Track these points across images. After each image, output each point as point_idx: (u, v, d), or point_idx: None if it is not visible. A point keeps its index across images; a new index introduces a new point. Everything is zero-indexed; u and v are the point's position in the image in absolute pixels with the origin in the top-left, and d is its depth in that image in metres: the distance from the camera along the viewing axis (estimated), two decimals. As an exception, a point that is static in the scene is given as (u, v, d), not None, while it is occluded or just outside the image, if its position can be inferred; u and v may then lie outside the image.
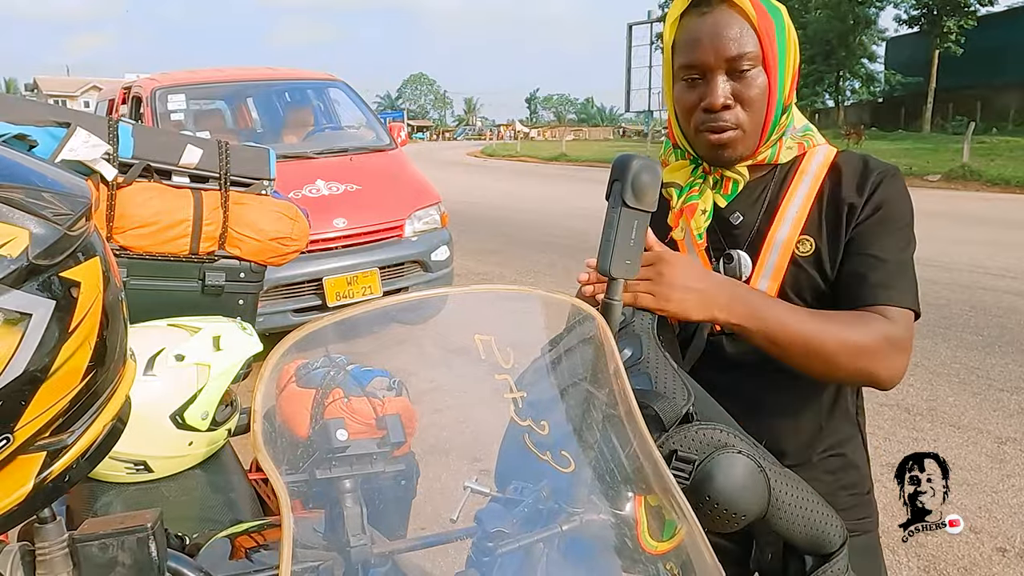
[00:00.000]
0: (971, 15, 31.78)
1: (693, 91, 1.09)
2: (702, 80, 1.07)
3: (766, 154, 1.13)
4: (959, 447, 3.65)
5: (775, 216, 1.14)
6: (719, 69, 1.06)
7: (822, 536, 0.93)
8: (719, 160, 1.12)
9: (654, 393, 0.88)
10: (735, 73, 1.06)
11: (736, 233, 1.16)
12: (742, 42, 1.04)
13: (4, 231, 0.54)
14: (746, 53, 1.04)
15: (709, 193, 1.15)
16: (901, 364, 1.05)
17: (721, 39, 1.04)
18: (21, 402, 0.55)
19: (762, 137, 1.10)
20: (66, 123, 1.68)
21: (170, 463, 1.55)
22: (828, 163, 1.14)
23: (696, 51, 1.06)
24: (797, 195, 1.13)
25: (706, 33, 1.05)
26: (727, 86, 1.06)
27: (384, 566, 0.84)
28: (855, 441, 1.23)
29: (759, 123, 1.09)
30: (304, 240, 1.98)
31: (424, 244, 5.24)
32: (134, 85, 6.18)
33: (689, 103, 1.10)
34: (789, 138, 1.15)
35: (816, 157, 1.15)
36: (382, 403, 1.42)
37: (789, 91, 1.11)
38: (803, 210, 1.12)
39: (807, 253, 1.12)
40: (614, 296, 0.92)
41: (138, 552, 0.69)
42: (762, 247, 1.13)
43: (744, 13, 1.04)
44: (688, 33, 1.08)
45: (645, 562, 0.85)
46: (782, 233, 1.12)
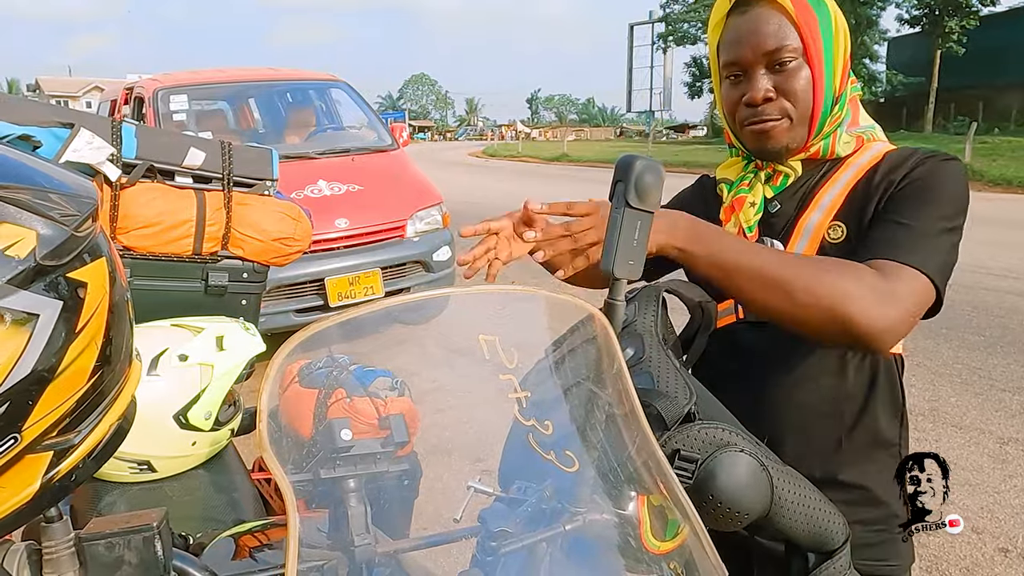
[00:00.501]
0: (973, 15, 31.72)
1: (736, 88, 1.11)
2: (744, 76, 1.09)
3: (819, 146, 1.12)
4: (961, 447, 3.65)
5: (810, 203, 1.13)
6: (758, 64, 1.07)
7: (824, 534, 0.93)
8: (765, 152, 1.12)
9: (656, 392, 0.88)
10: (775, 66, 1.06)
11: (773, 221, 1.15)
12: (780, 36, 1.05)
13: (11, 232, 0.54)
14: (785, 46, 1.05)
15: (759, 186, 1.15)
16: (883, 314, 0.92)
17: (759, 35, 1.06)
18: (29, 402, 0.56)
19: (811, 129, 1.10)
20: (70, 124, 1.69)
21: (173, 463, 1.55)
22: (879, 156, 1.11)
23: (736, 48, 1.08)
24: (837, 184, 1.12)
25: (745, 30, 1.07)
26: (767, 80, 1.07)
27: (388, 566, 0.84)
28: (886, 475, 1.09)
29: (806, 114, 1.08)
30: (307, 240, 1.98)
31: (426, 244, 5.25)
32: (136, 86, 6.20)
33: (733, 100, 1.11)
34: (847, 132, 1.13)
35: (869, 151, 1.13)
36: (384, 403, 1.43)
37: (840, 83, 1.10)
38: (839, 197, 1.11)
39: (837, 240, 1.08)
40: (617, 296, 0.92)
41: (144, 551, 0.70)
42: (793, 233, 1.12)
43: (783, 9, 1.05)
44: (729, 32, 1.10)
45: (648, 562, 0.85)
46: (813, 219, 1.11)
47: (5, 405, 0.54)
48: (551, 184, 18.89)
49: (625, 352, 0.91)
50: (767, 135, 1.09)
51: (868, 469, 1.13)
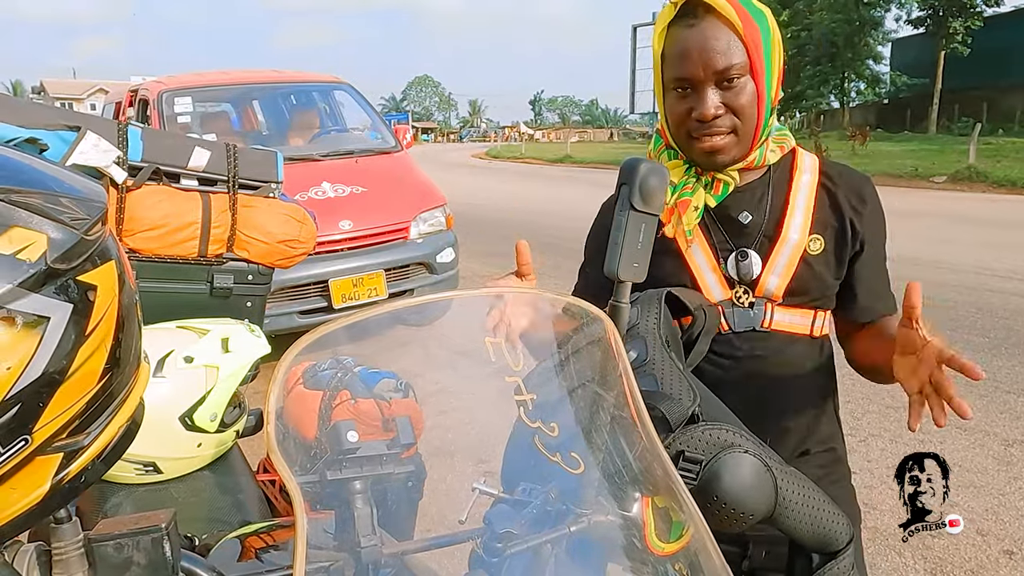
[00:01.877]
0: (977, 16, 31.66)
1: (683, 101, 1.11)
2: (692, 91, 1.10)
3: (754, 156, 1.16)
4: (965, 449, 3.64)
5: (784, 217, 1.17)
6: (708, 81, 1.08)
7: (829, 534, 0.93)
8: (713, 165, 1.15)
9: (660, 394, 0.89)
10: (724, 83, 1.08)
11: (746, 233, 1.18)
12: (730, 54, 1.06)
13: (23, 236, 0.55)
14: (734, 64, 1.07)
15: (701, 191, 1.18)
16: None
17: (709, 52, 1.06)
18: (39, 404, 0.56)
19: (754, 141, 1.13)
20: (76, 127, 1.69)
21: (179, 464, 1.56)
22: (816, 166, 1.21)
23: (685, 64, 1.08)
24: (800, 196, 1.18)
25: (694, 46, 1.07)
26: (716, 96, 1.09)
27: (394, 567, 0.85)
28: (839, 436, 1.30)
29: (751, 128, 1.12)
30: (312, 242, 1.99)
31: (429, 246, 5.25)
32: (141, 88, 6.21)
33: (680, 113, 1.12)
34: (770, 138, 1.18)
35: (806, 159, 1.22)
36: (389, 405, 1.43)
37: (775, 93, 1.13)
38: (808, 211, 1.17)
39: (817, 252, 1.16)
40: (622, 299, 0.93)
41: (153, 552, 0.70)
42: (773, 247, 1.16)
43: (730, 24, 1.06)
44: (676, 45, 1.10)
45: (653, 563, 0.85)
46: (794, 234, 1.16)
47: (16, 407, 0.55)
48: (555, 186, 18.89)
49: (629, 355, 0.91)
50: (716, 150, 1.11)
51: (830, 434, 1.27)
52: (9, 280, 0.53)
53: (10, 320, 0.54)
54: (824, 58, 35.90)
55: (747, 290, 1.17)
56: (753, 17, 1.08)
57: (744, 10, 1.07)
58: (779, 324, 1.17)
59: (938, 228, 9.04)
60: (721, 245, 1.18)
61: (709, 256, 1.18)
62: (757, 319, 1.16)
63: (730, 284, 1.17)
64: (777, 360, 1.18)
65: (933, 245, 7.87)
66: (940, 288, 6.41)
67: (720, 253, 1.18)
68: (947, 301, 6.07)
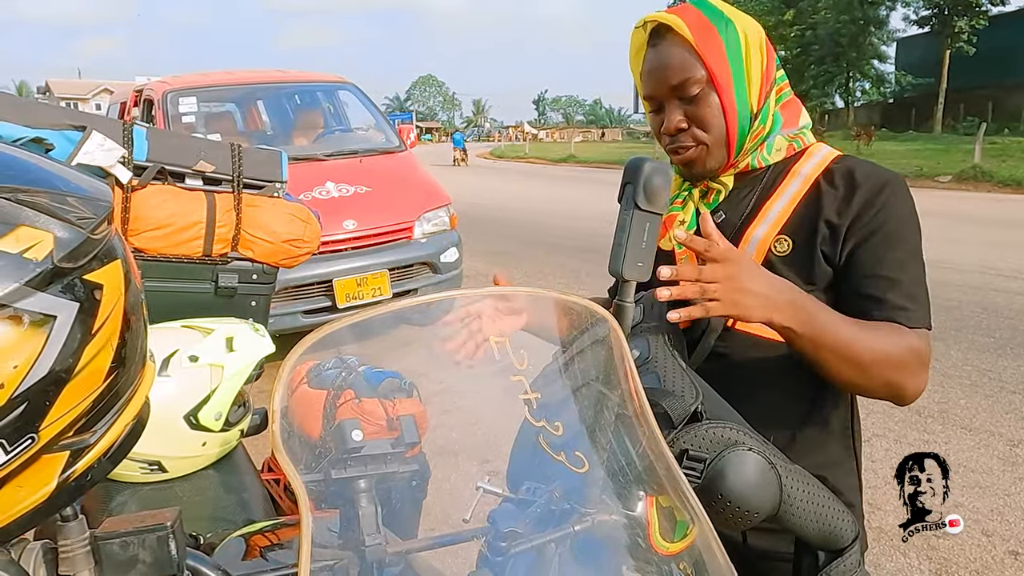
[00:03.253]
0: (982, 15, 31.55)
1: (656, 117, 1.17)
2: (660, 108, 1.15)
3: (747, 160, 1.15)
4: (971, 450, 3.63)
5: (756, 215, 1.14)
6: (669, 97, 1.12)
7: (834, 532, 0.93)
8: (691, 175, 1.18)
9: (662, 391, 0.89)
10: (685, 98, 1.11)
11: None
12: (684, 68, 1.09)
13: (29, 235, 0.55)
14: (688, 78, 1.09)
15: (691, 204, 1.19)
16: (924, 380, 1.05)
17: (666, 69, 1.11)
18: (46, 402, 0.57)
19: (731, 149, 1.13)
20: (81, 127, 1.70)
21: (184, 463, 1.56)
22: (824, 166, 1.13)
23: (648, 83, 1.15)
24: (783, 196, 1.14)
25: (654, 65, 1.13)
26: (679, 111, 1.12)
27: (398, 565, 0.85)
28: (845, 468, 1.18)
29: (720, 138, 1.12)
30: (316, 242, 1.99)
31: (433, 246, 5.26)
32: (146, 88, 6.23)
33: (655, 128, 1.18)
34: (781, 137, 1.15)
35: (812, 159, 1.15)
36: (393, 404, 1.44)
37: (759, 99, 1.12)
38: (786, 210, 1.13)
39: (783, 252, 1.11)
40: (626, 298, 0.93)
41: (158, 550, 0.70)
42: (738, 245, 1.12)
43: (684, 41, 1.09)
44: (644, 65, 1.16)
45: (657, 563, 0.85)
46: (759, 232, 1.13)
47: (23, 405, 0.55)
48: (558, 185, 18.89)
49: (632, 353, 0.91)
50: (687, 162, 1.15)
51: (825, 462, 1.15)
52: (16, 279, 0.54)
53: (17, 319, 0.54)
54: (829, 57, 35.81)
55: None
56: (716, 28, 1.09)
57: (703, 23, 1.09)
58: (743, 326, 1.12)
59: (943, 228, 9.01)
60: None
61: (692, 257, 1.16)
62: (720, 320, 1.12)
63: None
64: (741, 362, 1.13)
65: (938, 245, 7.84)
66: (945, 288, 6.39)
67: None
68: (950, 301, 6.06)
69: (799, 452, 1.12)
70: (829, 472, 1.14)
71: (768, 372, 1.14)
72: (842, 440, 1.20)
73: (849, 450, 1.20)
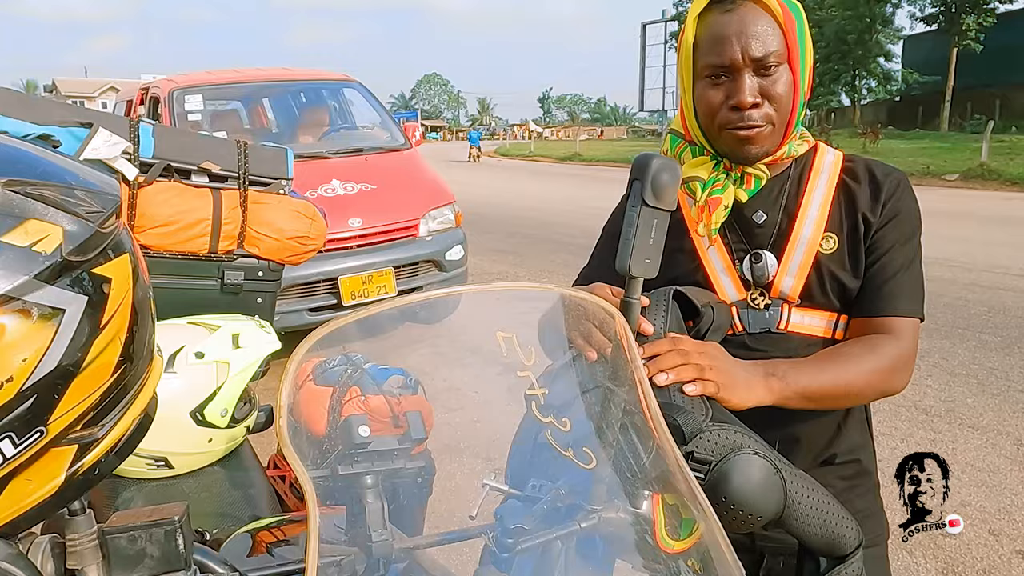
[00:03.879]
0: (990, 12, 31.39)
1: (718, 89, 1.07)
2: (728, 79, 1.06)
3: (784, 149, 1.12)
4: (978, 449, 3.61)
5: (797, 214, 1.14)
6: (746, 67, 1.05)
7: (838, 538, 0.92)
8: (745, 157, 1.11)
9: (673, 406, 0.88)
10: (761, 71, 1.05)
11: (759, 232, 1.16)
12: (768, 40, 1.04)
13: (39, 228, 0.55)
14: (772, 51, 1.04)
15: (731, 188, 1.14)
16: (909, 374, 1.12)
17: (748, 37, 1.03)
18: (54, 396, 0.57)
19: (786, 133, 1.10)
20: (88, 123, 1.70)
21: (190, 459, 1.56)
22: (839, 164, 1.17)
23: (723, 49, 1.05)
24: (816, 194, 1.14)
25: (733, 31, 1.04)
26: (754, 83, 1.05)
27: (405, 562, 0.85)
28: (868, 449, 1.24)
29: (785, 119, 1.09)
30: (322, 239, 1.99)
31: (438, 244, 5.26)
32: (152, 86, 6.25)
33: (715, 101, 1.08)
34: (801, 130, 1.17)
35: (827, 156, 1.17)
36: (398, 401, 1.44)
37: (808, 88, 1.11)
38: (823, 208, 1.14)
39: (831, 250, 1.12)
40: (633, 294, 0.92)
41: (166, 544, 0.70)
42: (786, 246, 1.13)
43: (770, 10, 1.04)
44: (712, 30, 1.06)
45: (663, 561, 0.85)
46: (806, 231, 1.13)
47: (32, 399, 0.55)
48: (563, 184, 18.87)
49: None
50: (751, 140, 1.08)
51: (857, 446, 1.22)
52: (25, 272, 0.54)
53: (26, 312, 0.54)
54: (835, 55, 35.68)
55: (763, 292, 1.14)
56: (789, 8, 1.06)
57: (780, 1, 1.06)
58: (796, 326, 1.14)
59: (950, 226, 8.98)
60: (736, 245, 1.16)
61: (725, 257, 1.16)
62: (772, 320, 1.14)
63: (746, 286, 1.15)
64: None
65: (945, 243, 7.81)
66: (952, 286, 6.37)
67: (735, 254, 1.16)
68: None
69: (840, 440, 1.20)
70: (862, 454, 1.22)
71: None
72: (865, 426, 1.24)
73: (868, 433, 1.25)
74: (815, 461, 1.17)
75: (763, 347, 1.14)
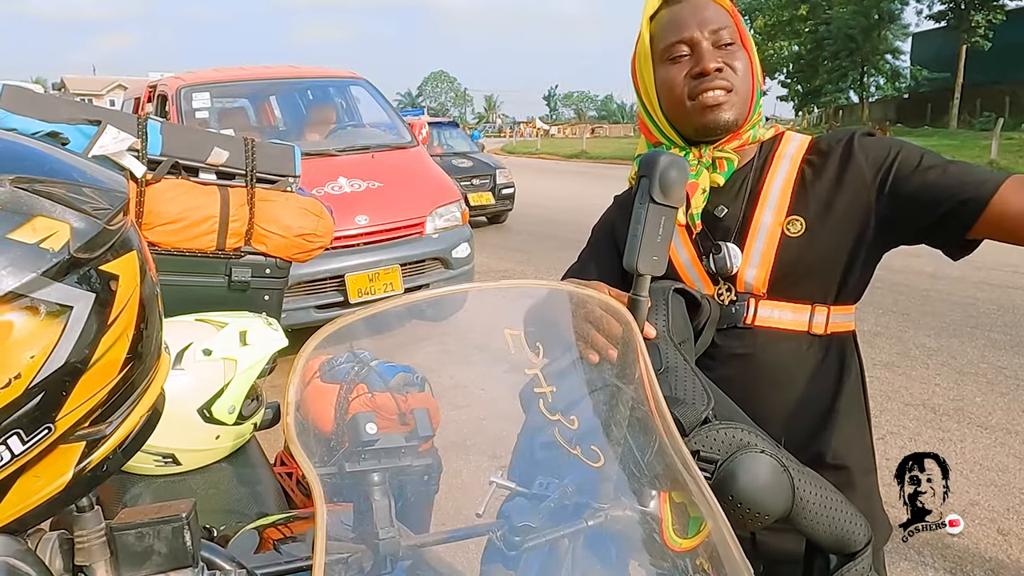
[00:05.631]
0: (999, 9, 31.16)
1: (679, 66, 1.11)
2: (689, 55, 1.11)
3: (749, 133, 1.14)
4: (987, 448, 3.59)
5: (756, 203, 1.13)
6: (705, 40, 1.09)
7: (846, 535, 0.92)
8: (715, 125, 1.10)
9: (674, 399, 0.88)
10: (719, 45, 1.10)
11: (723, 226, 1.15)
12: (721, 19, 1.11)
13: (46, 225, 0.55)
14: (726, 27, 1.10)
15: (706, 173, 1.14)
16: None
17: (702, 15, 1.10)
18: (62, 393, 0.57)
19: (748, 110, 1.12)
20: (97, 121, 1.71)
21: (197, 456, 1.57)
22: (805, 147, 1.16)
23: (680, 28, 1.10)
24: (776, 179, 1.14)
25: (687, 13, 1.11)
26: (714, 53, 1.10)
27: (411, 559, 0.85)
28: (862, 455, 1.19)
29: (746, 95, 1.11)
30: (329, 236, 2.00)
31: (445, 241, 5.26)
32: (159, 84, 6.26)
33: (676, 79, 1.11)
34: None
35: (792, 143, 1.17)
36: (405, 398, 1.44)
37: (761, 78, 1.15)
38: (784, 193, 1.12)
39: (797, 233, 1.11)
40: (641, 292, 0.92)
41: (173, 541, 0.71)
42: (747, 235, 1.13)
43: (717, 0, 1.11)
44: (666, 19, 1.13)
45: (670, 559, 0.85)
46: (766, 218, 1.12)
47: (40, 396, 0.55)
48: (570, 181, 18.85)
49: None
50: (719, 106, 1.09)
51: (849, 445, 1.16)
52: (33, 269, 0.54)
53: (34, 309, 0.54)
54: (843, 52, 35.51)
55: (729, 287, 1.13)
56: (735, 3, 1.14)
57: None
58: (764, 320, 1.11)
59: (959, 224, 8.91)
60: (702, 241, 1.15)
61: (691, 253, 1.16)
62: (739, 315, 1.12)
63: (713, 281, 1.14)
64: (764, 359, 1.12)
65: (954, 241, 7.76)
66: (961, 284, 6.34)
67: (702, 249, 1.15)
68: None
69: (821, 444, 1.15)
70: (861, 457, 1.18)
71: (795, 366, 1.13)
72: (860, 419, 1.20)
73: (864, 427, 1.21)
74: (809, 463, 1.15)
75: (729, 343, 1.12)
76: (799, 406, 1.14)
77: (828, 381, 1.15)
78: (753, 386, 1.11)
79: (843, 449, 1.16)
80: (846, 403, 1.16)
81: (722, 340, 1.13)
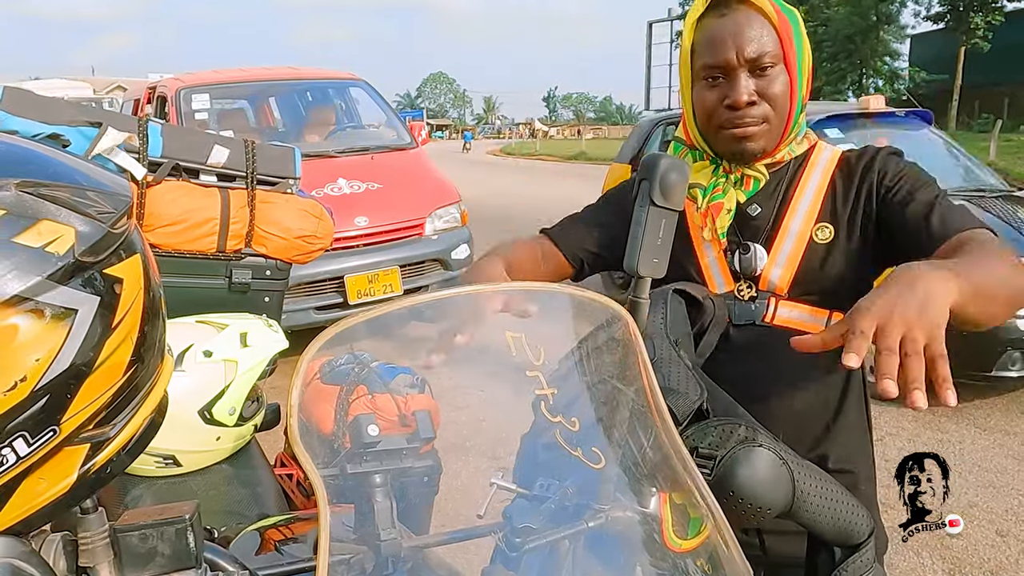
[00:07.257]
0: (999, 11, 31.20)
1: (714, 90, 1.10)
2: (724, 79, 1.08)
3: (783, 151, 1.14)
4: (985, 449, 3.60)
5: (788, 207, 1.15)
6: (741, 67, 1.07)
7: (849, 527, 0.92)
8: (742, 154, 1.12)
9: (666, 389, 0.88)
10: (757, 71, 1.07)
11: (754, 225, 1.16)
12: (763, 42, 1.06)
13: (51, 229, 0.56)
14: (767, 52, 1.06)
15: (732, 192, 1.15)
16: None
17: (742, 38, 1.06)
18: (67, 395, 0.57)
19: (783, 134, 1.12)
20: (97, 123, 1.71)
21: (198, 458, 1.57)
22: (836, 159, 1.17)
23: (718, 50, 1.07)
24: (809, 186, 1.15)
25: (728, 33, 1.06)
26: (750, 83, 1.07)
27: (413, 560, 0.85)
28: (864, 460, 1.21)
29: (782, 119, 1.10)
30: (329, 238, 2.00)
31: (444, 242, 5.26)
32: (159, 85, 6.27)
33: (711, 102, 1.10)
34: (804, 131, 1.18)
35: (824, 153, 1.18)
36: (406, 400, 1.44)
37: (806, 91, 1.12)
38: (816, 200, 1.14)
39: (825, 240, 1.13)
40: (641, 294, 0.92)
41: (177, 542, 0.71)
42: (775, 237, 1.14)
43: (763, 13, 1.06)
44: (708, 34, 1.09)
45: (670, 560, 0.85)
46: (796, 223, 1.14)
47: (44, 398, 0.56)
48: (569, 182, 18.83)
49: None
50: (747, 138, 1.09)
51: (852, 452, 1.19)
52: (38, 273, 0.54)
53: (39, 312, 0.55)
54: (841, 54, 35.54)
55: (751, 284, 1.15)
56: (784, 13, 1.08)
57: (775, 5, 1.08)
58: (783, 319, 1.13)
59: (957, 226, 8.92)
60: (730, 238, 1.17)
61: (718, 250, 1.17)
62: (758, 313, 1.14)
63: (735, 278, 1.16)
64: (778, 358, 1.10)
65: (952, 243, 7.77)
66: (959, 286, 6.33)
67: (729, 246, 1.17)
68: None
69: (827, 446, 1.17)
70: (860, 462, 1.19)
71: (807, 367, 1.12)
72: (863, 428, 1.22)
73: (866, 434, 1.23)
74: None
75: (745, 339, 1.14)
76: (808, 408, 1.16)
77: (837, 387, 1.18)
78: (766, 384, 1.13)
79: (847, 455, 1.18)
80: (852, 409, 1.19)
81: (739, 336, 1.14)
